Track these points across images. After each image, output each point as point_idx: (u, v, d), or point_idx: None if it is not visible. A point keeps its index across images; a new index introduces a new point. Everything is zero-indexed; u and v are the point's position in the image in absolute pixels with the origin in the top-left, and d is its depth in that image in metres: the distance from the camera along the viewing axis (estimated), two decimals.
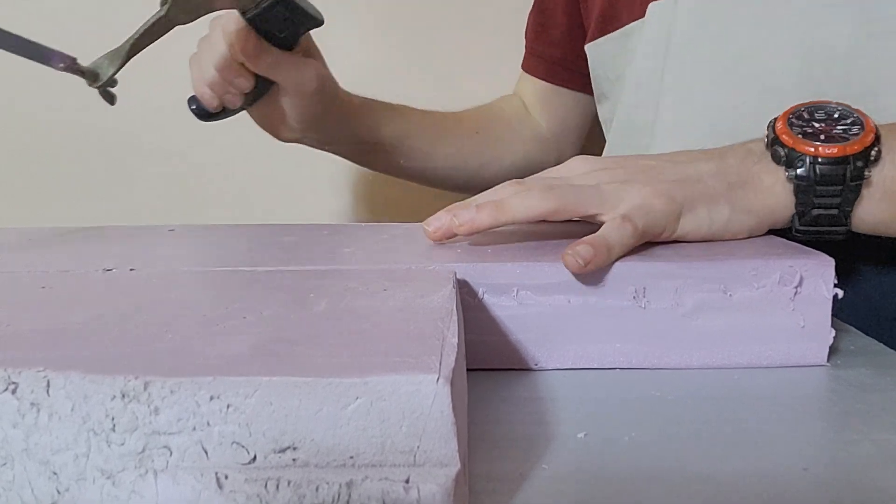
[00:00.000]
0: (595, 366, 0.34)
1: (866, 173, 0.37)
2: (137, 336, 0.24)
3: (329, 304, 0.28)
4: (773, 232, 0.40)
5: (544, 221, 0.38)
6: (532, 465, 0.25)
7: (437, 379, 0.20)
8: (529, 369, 0.34)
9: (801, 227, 0.39)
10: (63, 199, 0.86)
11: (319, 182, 0.87)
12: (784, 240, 0.38)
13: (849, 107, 0.40)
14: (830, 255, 0.34)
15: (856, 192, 0.38)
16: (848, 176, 0.37)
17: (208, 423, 0.20)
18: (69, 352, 0.23)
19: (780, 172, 0.38)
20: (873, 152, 0.37)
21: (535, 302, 0.34)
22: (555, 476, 0.25)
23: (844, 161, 0.37)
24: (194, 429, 0.20)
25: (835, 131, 0.38)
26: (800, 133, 0.38)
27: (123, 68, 0.44)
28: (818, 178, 0.37)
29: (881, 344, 0.37)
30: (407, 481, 0.20)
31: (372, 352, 0.22)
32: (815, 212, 0.38)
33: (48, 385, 0.20)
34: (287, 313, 0.27)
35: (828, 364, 0.34)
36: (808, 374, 0.33)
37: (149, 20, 0.44)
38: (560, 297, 0.34)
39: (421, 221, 0.39)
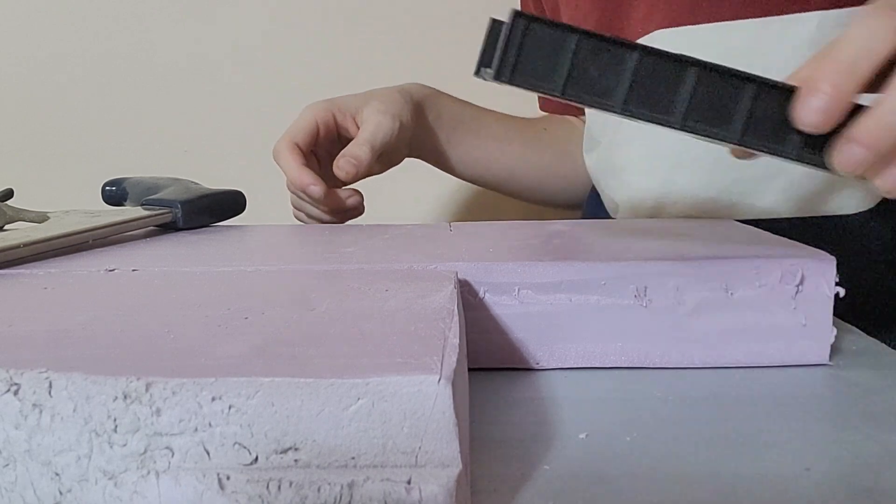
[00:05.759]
0: (597, 365, 0.34)
1: None
2: (139, 337, 0.24)
3: (330, 305, 0.28)
4: (773, 231, 0.40)
5: None
6: (534, 466, 0.25)
7: (439, 380, 0.20)
8: (531, 368, 0.34)
9: None
10: (62, 196, 0.86)
11: None
12: (785, 238, 0.38)
13: None
14: (832, 254, 0.34)
15: None
16: None
17: (210, 424, 0.20)
18: (71, 353, 0.23)
19: None
20: None
21: (536, 301, 0.34)
22: (556, 476, 0.25)
23: None
24: (196, 430, 0.20)
25: None
26: None
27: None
28: None
29: (883, 344, 0.37)
30: (409, 482, 0.20)
31: (373, 352, 0.22)
32: None
33: (50, 386, 0.21)
34: (288, 314, 0.27)
35: (830, 364, 0.34)
36: (810, 375, 0.33)
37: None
38: (561, 296, 0.34)
39: (422, 222, 0.39)
